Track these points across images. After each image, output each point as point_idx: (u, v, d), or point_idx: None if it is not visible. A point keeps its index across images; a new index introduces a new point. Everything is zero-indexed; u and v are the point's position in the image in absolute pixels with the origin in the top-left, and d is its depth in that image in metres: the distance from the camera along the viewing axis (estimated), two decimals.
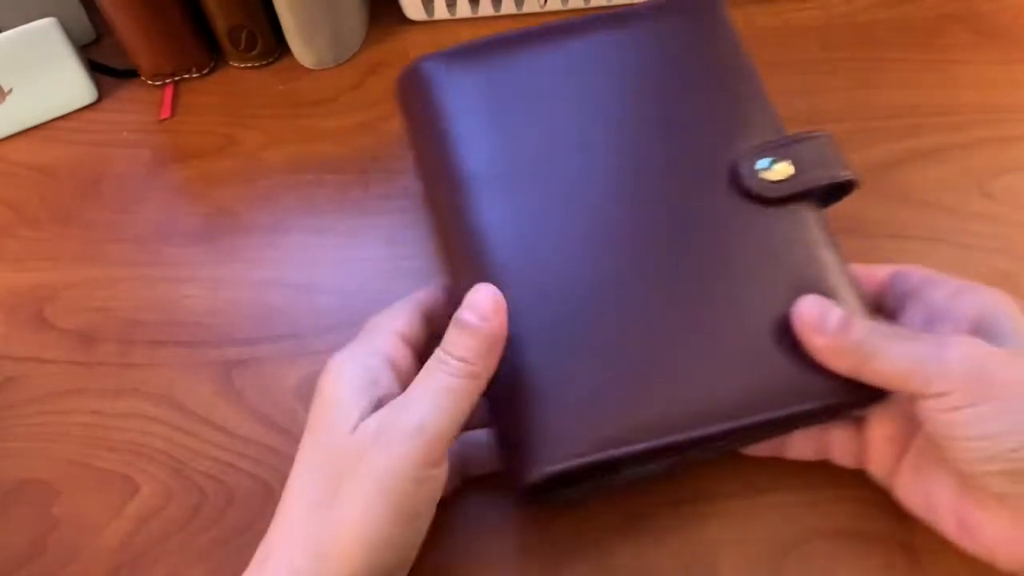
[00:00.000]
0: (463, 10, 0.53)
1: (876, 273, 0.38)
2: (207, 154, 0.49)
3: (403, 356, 0.34)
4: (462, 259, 0.36)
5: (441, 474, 0.32)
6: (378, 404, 0.32)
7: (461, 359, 0.32)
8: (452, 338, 0.32)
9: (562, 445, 0.33)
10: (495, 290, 0.33)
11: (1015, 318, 0.33)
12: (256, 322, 0.43)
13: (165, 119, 0.50)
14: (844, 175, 0.37)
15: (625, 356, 0.34)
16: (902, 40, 0.53)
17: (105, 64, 0.51)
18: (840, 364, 0.33)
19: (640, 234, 0.36)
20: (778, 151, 0.38)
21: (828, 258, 0.36)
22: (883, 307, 0.37)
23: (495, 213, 0.37)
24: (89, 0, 0.51)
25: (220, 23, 0.49)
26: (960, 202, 0.47)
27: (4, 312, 0.44)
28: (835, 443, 0.36)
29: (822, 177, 0.37)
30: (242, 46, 0.51)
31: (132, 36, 0.48)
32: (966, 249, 0.45)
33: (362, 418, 0.31)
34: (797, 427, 0.37)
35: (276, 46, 0.52)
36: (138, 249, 0.45)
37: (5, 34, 0.47)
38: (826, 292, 0.35)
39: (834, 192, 0.39)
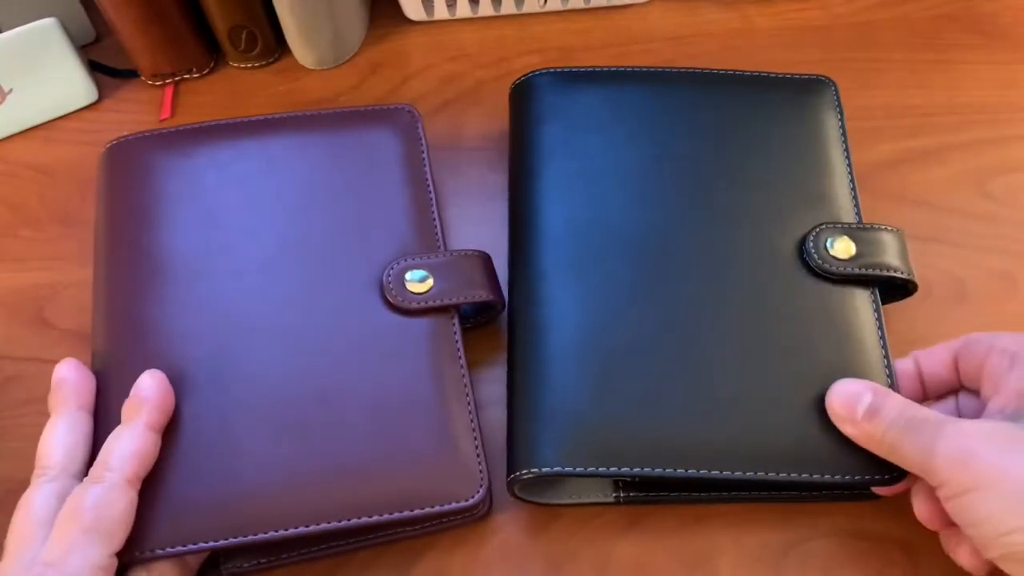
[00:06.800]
0: (463, 10, 0.53)
1: (939, 356, 0.37)
2: None
3: None
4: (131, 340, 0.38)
5: None
6: None
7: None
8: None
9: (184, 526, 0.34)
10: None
11: None
12: None
13: (165, 119, 0.50)
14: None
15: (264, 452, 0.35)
16: (902, 40, 0.53)
17: (105, 64, 0.51)
18: (872, 450, 0.34)
19: (303, 337, 0.38)
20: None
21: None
22: (965, 389, 0.36)
23: (174, 302, 0.38)
24: (89, 0, 0.51)
25: (220, 23, 0.49)
26: (960, 202, 0.47)
27: (4, 312, 0.44)
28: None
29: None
30: (242, 46, 0.51)
31: (132, 36, 0.48)
32: (966, 249, 0.45)
33: None
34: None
35: (276, 46, 0.52)
36: None
37: (5, 34, 0.47)
38: (855, 375, 0.36)
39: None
